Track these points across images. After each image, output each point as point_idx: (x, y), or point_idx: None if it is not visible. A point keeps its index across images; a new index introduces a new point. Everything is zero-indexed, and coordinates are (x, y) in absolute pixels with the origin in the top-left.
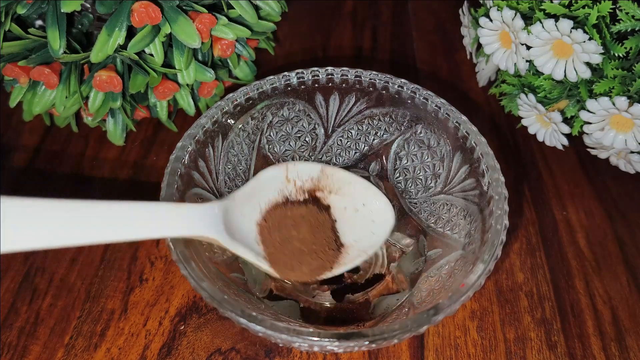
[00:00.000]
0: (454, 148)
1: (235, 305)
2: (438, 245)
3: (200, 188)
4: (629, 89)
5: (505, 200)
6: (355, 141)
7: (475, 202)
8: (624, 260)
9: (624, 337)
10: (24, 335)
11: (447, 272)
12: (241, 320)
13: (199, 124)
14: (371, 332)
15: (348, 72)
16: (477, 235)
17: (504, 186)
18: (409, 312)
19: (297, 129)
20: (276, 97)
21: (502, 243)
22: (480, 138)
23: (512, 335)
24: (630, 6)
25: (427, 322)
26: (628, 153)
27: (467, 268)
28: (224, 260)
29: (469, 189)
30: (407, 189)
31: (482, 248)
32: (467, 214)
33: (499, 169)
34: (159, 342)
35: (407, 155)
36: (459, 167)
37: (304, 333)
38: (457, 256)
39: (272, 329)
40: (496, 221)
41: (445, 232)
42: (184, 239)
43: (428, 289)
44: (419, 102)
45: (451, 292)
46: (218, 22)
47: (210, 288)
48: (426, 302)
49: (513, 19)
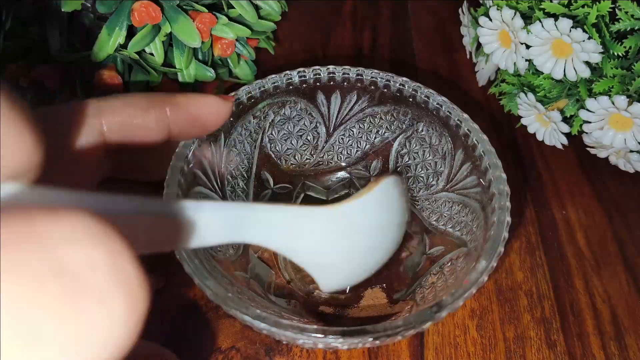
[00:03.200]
0: (456, 146)
1: (239, 303)
2: (440, 242)
3: (203, 187)
4: (628, 88)
5: (508, 197)
6: (356, 139)
7: (477, 199)
8: (624, 259)
9: (624, 336)
10: None
11: (450, 270)
12: (245, 317)
13: None
14: (375, 328)
15: (349, 70)
16: (479, 233)
17: (506, 183)
18: (412, 309)
19: (298, 128)
20: (278, 95)
21: (505, 240)
22: (482, 136)
23: (511, 334)
24: (630, 5)
25: (430, 319)
26: (627, 152)
27: (470, 265)
28: (227, 258)
29: (471, 186)
30: (408, 187)
31: (484, 245)
32: (469, 212)
33: (500, 167)
34: (158, 342)
35: (408, 154)
36: (461, 165)
37: (308, 330)
38: (460, 253)
39: (276, 326)
40: (498, 218)
41: (447, 230)
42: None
43: (430, 286)
44: (420, 100)
45: (454, 289)
46: (218, 22)
47: (214, 286)
48: (429, 300)
49: (512, 18)
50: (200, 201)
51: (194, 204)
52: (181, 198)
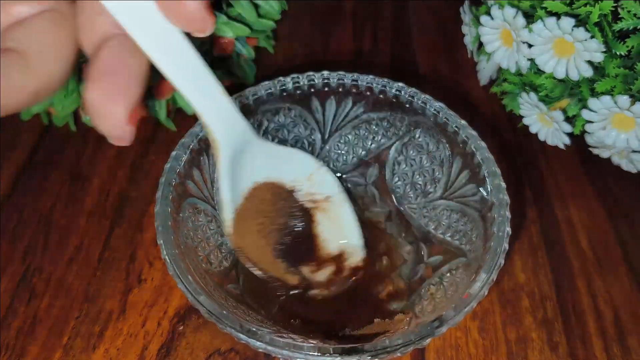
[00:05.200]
0: (454, 153)
1: (234, 320)
2: (438, 252)
3: (196, 198)
4: (631, 87)
5: (507, 207)
6: (352, 146)
7: (476, 208)
8: (626, 260)
9: (626, 337)
10: (22, 335)
11: (449, 280)
12: (241, 336)
13: (193, 133)
14: (374, 347)
15: (344, 76)
16: (478, 243)
17: (505, 192)
18: (411, 322)
19: (293, 135)
20: (271, 102)
21: (505, 251)
22: (480, 143)
23: (513, 335)
24: (632, 4)
25: (430, 334)
26: (630, 152)
27: (470, 276)
28: (221, 272)
29: (470, 194)
30: (406, 194)
31: (484, 256)
32: (467, 221)
33: (500, 175)
34: (157, 342)
35: (405, 160)
36: (459, 172)
37: (305, 348)
38: (459, 264)
39: (273, 344)
40: (498, 228)
41: (445, 239)
42: (176, 244)
43: (430, 297)
44: (418, 106)
45: (454, 303)
46: (217, 21)
47: (208, 303)
48: (428, 312)
49: (514, 17)
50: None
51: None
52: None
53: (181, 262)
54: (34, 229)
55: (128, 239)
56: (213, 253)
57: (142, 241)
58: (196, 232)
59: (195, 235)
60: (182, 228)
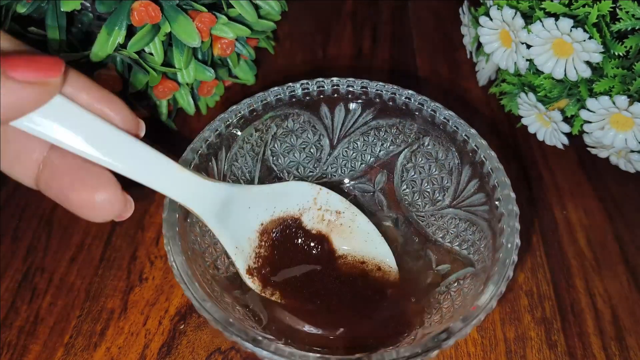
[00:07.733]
0: (463, 162)
1: (240, 329)
2: (446, 260)
3: None
4: (629, 87)
5: (517, 218)
6: (361, 152)
7: (485, 217)
8: (624, 259)
9: (624, 336)
10: (24, 334)
11: (457, 290)
12: (247, 345)
13: (202, 138)
14: (382, 357)
15: (354, 82)
16: (487, 253)
17: (515, 203)
18: (418, 333)
19: (301, 140)
20: (280, 108)
21: (514, 263)
22: (490, 152)
23: (512, 334)
24: (630, 5)
25: (437, 347)
26: (628, 152)
27: (478, 288)
28: (227, 277)
29: (479, 204)
30: (414, 202)
31: (492, 268)
32: (476, 230)
33: (509, 185)
34: (158, 341)
35: (414, 168)
36: (468, 181)
37: (310, 358)
38: (467, 273)
39: (278, 353)
40: (507, 240)
41: (453, 248)
42: (185, 253)
43: (437, 306)
44: (427, 114)
45: (462, 315)
46: (218, 21)
47: (214, 311)
48: (435, 322)
49: (513, 18)
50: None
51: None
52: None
53: (188, 268)
54: (36, 228)
55: (129, 238)
56: (220, 259)
57: (143, 240)
58: (203, 238)
59: (203, 241)
60: (190, 234)
